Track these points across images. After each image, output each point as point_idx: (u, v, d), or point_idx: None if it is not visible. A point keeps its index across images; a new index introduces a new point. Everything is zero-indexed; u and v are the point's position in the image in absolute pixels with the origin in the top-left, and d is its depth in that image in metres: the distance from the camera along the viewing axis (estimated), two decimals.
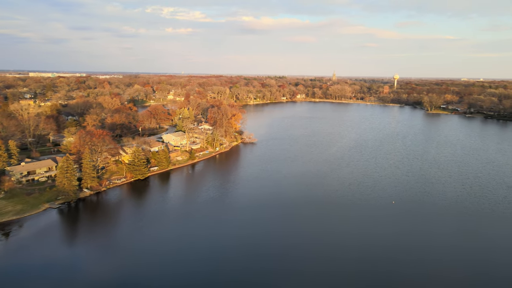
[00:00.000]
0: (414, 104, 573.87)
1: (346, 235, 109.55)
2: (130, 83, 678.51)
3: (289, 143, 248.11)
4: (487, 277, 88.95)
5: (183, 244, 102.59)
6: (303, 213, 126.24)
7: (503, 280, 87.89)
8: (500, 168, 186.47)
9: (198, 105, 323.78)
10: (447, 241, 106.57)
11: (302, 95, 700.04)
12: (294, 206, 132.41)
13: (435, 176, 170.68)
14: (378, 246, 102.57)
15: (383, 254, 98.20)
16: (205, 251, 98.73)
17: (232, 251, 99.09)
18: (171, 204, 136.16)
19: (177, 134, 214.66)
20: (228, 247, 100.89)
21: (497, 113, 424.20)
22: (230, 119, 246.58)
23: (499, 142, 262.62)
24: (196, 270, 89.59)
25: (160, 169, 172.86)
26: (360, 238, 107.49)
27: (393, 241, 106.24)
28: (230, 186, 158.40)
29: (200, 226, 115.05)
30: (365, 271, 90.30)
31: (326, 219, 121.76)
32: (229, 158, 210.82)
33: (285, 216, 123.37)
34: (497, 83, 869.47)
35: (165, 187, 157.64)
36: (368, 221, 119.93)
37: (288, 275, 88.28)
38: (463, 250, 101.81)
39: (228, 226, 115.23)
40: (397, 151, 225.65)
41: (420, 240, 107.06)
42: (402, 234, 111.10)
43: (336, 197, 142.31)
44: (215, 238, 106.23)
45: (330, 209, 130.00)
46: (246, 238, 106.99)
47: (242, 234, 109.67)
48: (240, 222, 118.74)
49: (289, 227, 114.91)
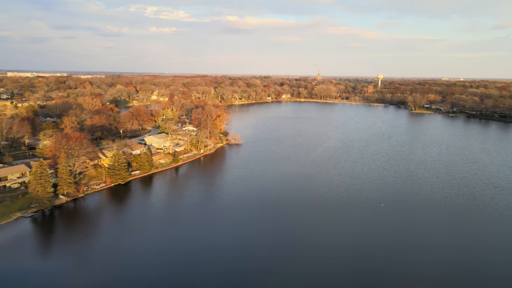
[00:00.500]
0: (398, 104, 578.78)
1: (335, 236, 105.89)
2: (113, 83, 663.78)
3: (275, 144, 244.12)
4: (478, 277, 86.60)
5: (166, 255, 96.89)
6: (291, 216, 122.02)
7: (494, 278, 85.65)
8: (485, 168, 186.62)
9: (182, 106, 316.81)
10: (437, 241, 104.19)
11: (287, 95, 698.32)
12: (281, 209, 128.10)
13: (423, 177, 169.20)
14: (368, 246, 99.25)
15: (373, 254, 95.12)
16: (188, 261, 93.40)
17: (217, 259, 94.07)
18: (153, 210, 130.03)
19: (160, 136, 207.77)
20: (214, 255, 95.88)
21: (479, 112, 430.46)
22: (215, 120, 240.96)
23: (483, 142, 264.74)
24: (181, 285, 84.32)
25: (142, 173, 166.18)
26: (349, 238, 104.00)
27: (382, 241, 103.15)
28: (215, 189, 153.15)
29: (184, 232, 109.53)
30: (354, 271, 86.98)
31: (314, 222, 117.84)
32: (214, 160, 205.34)
33: (273, 217, 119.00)
34: (477, 83, 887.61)
35: (147, 192, 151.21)
36: (357, 223, 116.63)
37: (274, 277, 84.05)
38: (453, 250, 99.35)
39: (213, 231, 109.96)
40: (384, 152, 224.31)
41: (410, 240, 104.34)
42: (392, 235, 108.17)
43: (323, 199, 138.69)
44: (199, 245, 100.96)
45: (318, 213, 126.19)
46: (231, 243, 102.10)
47: (226, 240, 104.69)
48: (225, 226, 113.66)
49: (277, 230, 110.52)
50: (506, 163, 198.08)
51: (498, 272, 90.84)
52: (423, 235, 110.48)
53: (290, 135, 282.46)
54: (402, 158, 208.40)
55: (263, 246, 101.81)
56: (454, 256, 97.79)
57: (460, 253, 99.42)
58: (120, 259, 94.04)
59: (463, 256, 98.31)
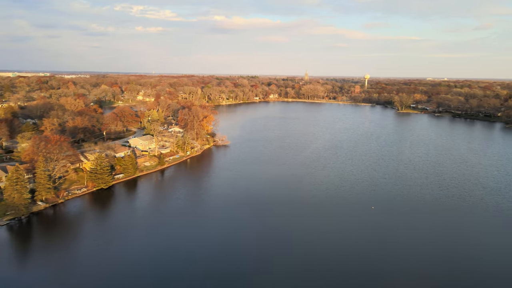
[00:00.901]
0: (385, 104, 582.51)
1: (324, 236, 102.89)
2: (97, 83, 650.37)
3: (263, 145, 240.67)
4: (471, 276, 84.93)
5: (150, 260, 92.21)
6: (280, 218, 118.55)
7: (486, 276, 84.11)
8: (473, 168, 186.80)
9: (168, 106, 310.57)
10: (428, 240, 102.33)
11: (275, 95, 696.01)
12: (270, 211, 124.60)
13: (412, 178, 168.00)
14: (356, 245, 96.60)
15: (362, 254, 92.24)
16: (177, 262, 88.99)
17: (203, 260, 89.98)
18: (137, 214, 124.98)
19: (145, 138, 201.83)
20: (201, 260, 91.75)
21: (465, 112, 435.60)
22: (202, 121, 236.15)
23: (469, 141, 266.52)
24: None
25: (126, 177, 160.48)
26: (339, 238, 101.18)
27: (372, 241, 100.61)
28: (202, 192, 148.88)
29: (170, 238, 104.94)
30: (344, 270, 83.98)
31: (303, 223, 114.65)
32: (201, 162, 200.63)
33: (262, 219, 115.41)
34: (461, 83, 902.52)
35: (132, 196, 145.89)
36: (347, 225, 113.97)
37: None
38: (443, 248, 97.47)
39: (200, 236, 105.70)
40: (372, 152, 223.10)
41: (401, 240, 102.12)
42: (383, 236, 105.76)
43: (313, 201, 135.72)
44: (186, 251, 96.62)
45: (308, 214, 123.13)
46: (218, 249, 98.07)
47: (214, 244, 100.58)
48: (211, 229, 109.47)
49: (266, 231, 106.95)
50: (493, 163, 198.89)
51: (490, 271, 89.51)
52: (413, 235, 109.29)
53: (278, 135, 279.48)
54: (391, 158, 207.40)
55: (251, 247, 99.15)
56: (445, 254, 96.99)
57: (450, 252, 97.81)
58: (102, 267, 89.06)
59: (453, 254, 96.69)
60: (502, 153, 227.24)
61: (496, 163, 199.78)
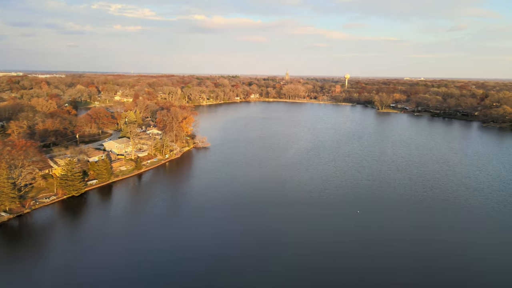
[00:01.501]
0: (365, 103, 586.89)
1: (310, 241, 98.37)
2: (73, 83, 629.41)
3: (245, 146, 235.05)
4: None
5: (124, 273, 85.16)
6: (262, 226, 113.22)
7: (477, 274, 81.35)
8: (455, 168, 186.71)
9: (146, 107, 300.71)
10: (410, 238, 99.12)
11: (256, 95, 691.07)
12: (252, 216, 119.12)
13: (396, 179, 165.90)
14: (343, 243, 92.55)
15: (350, 251, 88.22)
16: (154, 277, 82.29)
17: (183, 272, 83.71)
18: (111, 223, 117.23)
19: (121, 141, 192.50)
20: (181, 270, 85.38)
21: (443, 111, 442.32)
22: (181, 122, 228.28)
23: (449, 141, 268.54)
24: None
25: (100, 182, 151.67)
26: (327, 242, 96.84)
27: (357, 240, 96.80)
28: (181, 198, 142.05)
29: (146, 250, 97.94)
30: (330, 268, 79.67)
31: (287, 227, 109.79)
32: (181, 165, 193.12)
33: (244, 224, 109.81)
34: (438, 82, 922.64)
35: (106, 204, 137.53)
36: (333, 230, 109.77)
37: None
38: (427, 247, 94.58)
39: (180, 245, 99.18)
40: (355, 153, 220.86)
41: (386, 245, 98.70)
42: (368, 237, 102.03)
43: (297, 206, 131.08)
44: (161, 260, 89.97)
45: (292, 220, 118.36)
46: (194, 258, 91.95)
47: (190, 256, 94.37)
48: (191, 237, 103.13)
49: (248, 237, 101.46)
50: (473, 163, 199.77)
51: (481, 268, 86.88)
52: (399, 237, 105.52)
53: (259, 136, 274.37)
54: (374, 159, 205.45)
55: (234, 248, 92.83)
56: (426, 250, 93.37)
57: (438, 254, 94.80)
58: (70, 286, 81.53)
59: (440, 256, 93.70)
60: (481, 152, 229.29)
61: (477, 162, 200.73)
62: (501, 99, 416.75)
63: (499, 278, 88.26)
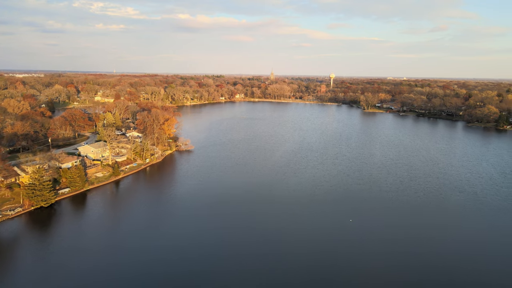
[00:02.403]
0: (351, 103, 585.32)
1: (303, 252, 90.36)
2: (51, 83, 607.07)
3: (230, 149, 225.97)
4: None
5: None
6: (248, 239, 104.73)
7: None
8: (445, 171, 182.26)
9: (126, 108, 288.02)
10: (410, 250, 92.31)
11: (241, 95, 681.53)
12: (240, 226, 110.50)
13: (387, 183, 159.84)
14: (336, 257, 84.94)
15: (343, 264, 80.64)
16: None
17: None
18: (84, 238, 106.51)
19: (97, 145, 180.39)
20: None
21: (428, 111, 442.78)
22: (163, 124, 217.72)
23: (437, 141, 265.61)
24: None
25: (73, 191, 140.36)
26: (318, 253, 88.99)
27: (352, 251, 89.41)
28: (161, 207, 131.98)
29: (123, 265, 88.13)
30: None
31: (277, 239, 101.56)
32: (162, 170, 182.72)
33: (231, 236, 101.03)
34: (420, 82, 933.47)
35: (78, 215, 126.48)
36: (324, 240, 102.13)
37: None
38: (432, 259, 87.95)
39: (157, 258, 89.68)
40: (343, 155, 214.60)
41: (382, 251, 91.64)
42: (362, 247, 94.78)
43: (285, 215, 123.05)
44: (140, 282, 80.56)
45: (281, 230, 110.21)
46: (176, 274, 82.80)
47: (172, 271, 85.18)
48: (169, 252, 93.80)
49: (233, 252, 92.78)
50: (463, 164, 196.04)
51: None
52: (396, 246, 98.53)
53: (245, 138, 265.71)
54: (363, 162, 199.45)
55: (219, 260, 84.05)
56: (434, 264, 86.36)
57: (441, 265, 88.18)
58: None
59: (446, 268, 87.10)
60: (470, 153, 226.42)
61: (466, 164, 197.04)
62: (485, 99, 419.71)
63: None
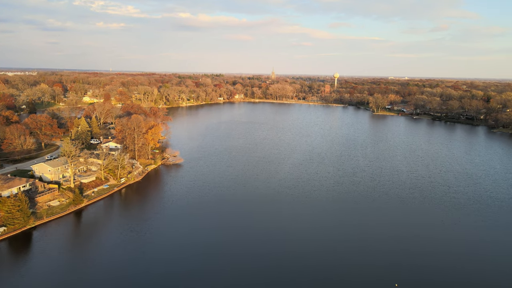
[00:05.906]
0: (358, 104, 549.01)
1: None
2: (38, 82, 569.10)
3: (227, 162, 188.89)
4: None
5: None
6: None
7: None
8: (491, 193, 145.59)
9: (108, 112, 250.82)
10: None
11: (240, 95, 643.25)
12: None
13: (426, 212, 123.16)
14: None
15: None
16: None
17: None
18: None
19: (56, 163, 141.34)
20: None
21: (444, 114, 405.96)
22: (145, 133, 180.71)
23: (467, 152, 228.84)
24: None
25: (12, 230, 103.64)
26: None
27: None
28: (132, 255, 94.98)
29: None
30: None
31: None
32: (140, 194, 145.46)
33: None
34: (426, 82, 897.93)
35: (12, 269, 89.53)
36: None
37: None
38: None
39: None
40: (363, 170, 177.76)
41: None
42: None
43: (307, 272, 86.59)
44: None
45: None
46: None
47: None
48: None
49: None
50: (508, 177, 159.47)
51: None
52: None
53: (245, 147, 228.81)
54: (388, 180, 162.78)
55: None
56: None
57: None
58: None
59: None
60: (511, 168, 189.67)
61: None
62: (507, 101, 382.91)
63: None
